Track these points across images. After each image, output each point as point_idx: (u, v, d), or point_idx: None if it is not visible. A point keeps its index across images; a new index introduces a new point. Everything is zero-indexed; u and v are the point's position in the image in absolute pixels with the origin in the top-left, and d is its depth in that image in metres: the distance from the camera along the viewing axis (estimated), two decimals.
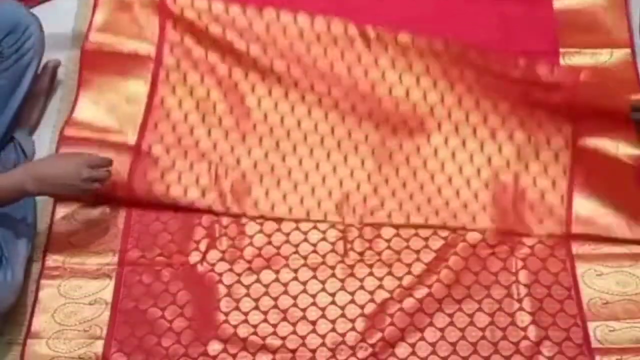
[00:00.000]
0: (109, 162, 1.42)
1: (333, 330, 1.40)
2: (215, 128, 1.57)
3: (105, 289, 1.45)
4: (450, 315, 1.39)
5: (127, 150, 1.54)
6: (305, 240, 1.48)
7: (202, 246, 1.48)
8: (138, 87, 1.62)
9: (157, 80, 1.63)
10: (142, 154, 1.54)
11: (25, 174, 1.34)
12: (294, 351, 1.38)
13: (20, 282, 1.40)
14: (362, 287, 1.43)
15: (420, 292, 1.41)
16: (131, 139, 1.56)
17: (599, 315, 1.37)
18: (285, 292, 1.44)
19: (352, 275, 1.44)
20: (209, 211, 1.50)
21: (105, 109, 1.60)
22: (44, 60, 1.63)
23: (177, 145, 1.56)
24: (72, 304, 1.44)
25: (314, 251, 1.47)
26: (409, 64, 1.61)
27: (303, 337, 1.39)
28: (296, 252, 1.47)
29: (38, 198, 1.53)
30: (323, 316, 1.41)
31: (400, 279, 1.43)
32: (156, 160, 1.54)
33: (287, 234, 1.49)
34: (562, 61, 1.63)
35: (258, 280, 1.45)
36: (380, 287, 1.43)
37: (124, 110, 1.60)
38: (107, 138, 1.56)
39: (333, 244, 1.47)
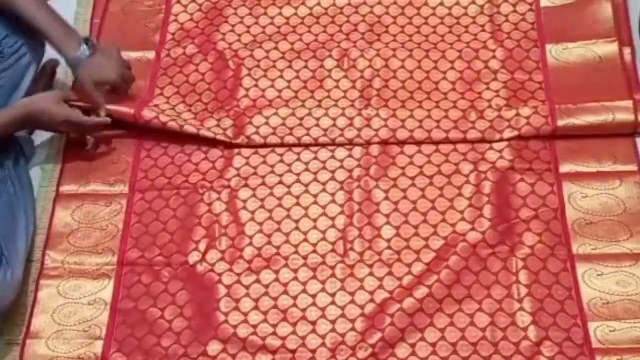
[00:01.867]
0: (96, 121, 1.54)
1: (333, 330, 1.39)
2: None
3: (105, 289, 1.45)
4: (451, 316, 1.39)
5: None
6: (305, 240, 1.48)
7: (202, 246, 1.48)
8: None
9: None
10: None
11: (19, 119, 1.47)
12: (294, 351, 1.38)
13: (20, 281, 1.40)
14: (362, 287, 1.43)
15: (421, 292, 1.41)
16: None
17: (600, 315, 1.36)
18: (285, 293, 1.43)
19: (352, 275, 1.44)
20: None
21: None
22: (43, 60, 1.63)
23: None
24: (72, 304, 1.44)
25: (314, 251, 1.47)
26: None
27: (303, 338, 1.39)
28: (296, 252, 1.47)
29: (38, 198, 1.54)
30: (323, 316, 1.41)
31: (400, 279, 1.43)
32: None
33: (287, 234, 1.49)
34: None
35: (258, 281, 1.45)
36: (381, 287, 1.42)
37: None
38: None
39: (333, 244, 1.47)
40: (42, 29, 1.48)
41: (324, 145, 1.58)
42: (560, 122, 1.53)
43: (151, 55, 1.71)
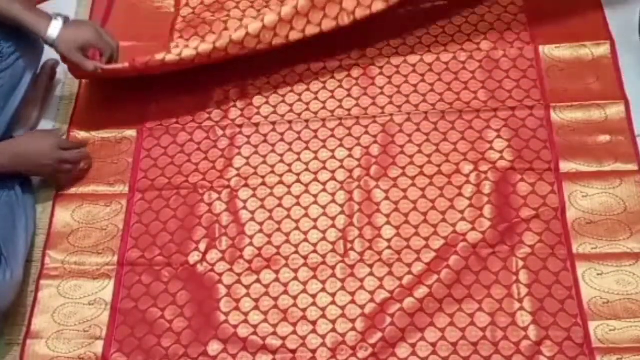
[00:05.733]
0: (81, 145, 1.56)
1: (333, 330, 1.39)
2: None
3: (105, 289, 1.45)
4: (451, 315, 1.39)
5: None
6: (305, 240, 1.48)
7: (202, 246, 1.48)
8: None
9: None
10: None
11: (2, 153, 1.44)
12: (294, 351, 1.38)
13: (20, 281, 1.41)
14: (362, 287, 1.43)
15: (421, 292, 1.41)
16: None
17: (600, 314, 1.36)
18: (285, 292, 1.43)
19: (352, 275, 1.44)
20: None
21: None
22: (43, 60, 1.63)
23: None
24: (72, 304, 1.44)
25: (314, 251, 1.47)
26: None
27: (303, 338, 1.39)
28: (296, 252, 1.47)
29: (38, 198, 1.54)
30: (323, 316, 1.41)
31: (400, 278, 1.42)
32: None
33: (287, 234, 1.49)
34: None
35: (258, 281, 1.45)
36: (381, 287, 1.42)
37: None
38: None
39: (333, 243, 1.47)
40: (9, 15, 1.46)
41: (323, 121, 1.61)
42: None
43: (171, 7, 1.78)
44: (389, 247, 1.46)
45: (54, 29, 1.47)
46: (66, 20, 1.50)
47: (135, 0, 1.81)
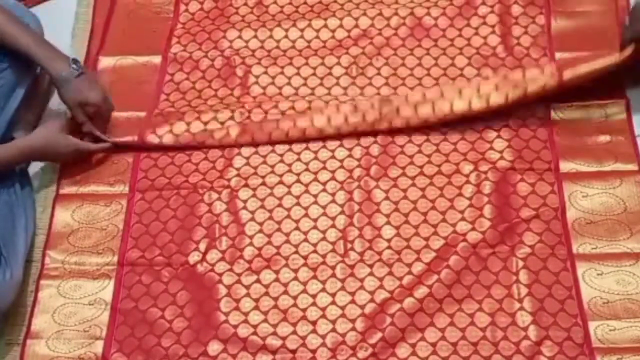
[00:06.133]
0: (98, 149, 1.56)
1: (333, 330, 1.39)
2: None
3: (105, 289, 1.45)
4: (451, 315, 1.39)
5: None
6: (305, 240, 1.48)
7: (202, 246, 1.48)
8: None
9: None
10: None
11: (21, 155, 1.50)
12: (294, 351, 1.38)
13: (20, 281, 1.41)
14: (362, 287, 1.43)
15: (421, 292, 1.41)
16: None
17: (600, 314, 1.36)
18: (285, 292, 1.43)
19: (352, 275, 1.44)
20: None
21: None
22: None
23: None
24: (72, 304, 1.44)
25: (314, 251, 1.47)
26: None
27: (303, 338, 1.39)
28: (296, 252, 1.47)
29: (38, 198, 1.54)
30: (323, 316, 1.41)
31: (400, 278, 1.42)
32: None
33: (287, 234, 1.49)
34: None
35: (258, 281, 1.45)
36: (381, 287, 1.42)
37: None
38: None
39: (333, 244, 1.47)
40: (28, 49, 1.47)
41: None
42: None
43: (157, 59, 1.72)
44: (389, 247, 1.46)
45: (70, 74, 1.48)
46: (80, 70, 1.50)
47: (134, 7, 1.81)
